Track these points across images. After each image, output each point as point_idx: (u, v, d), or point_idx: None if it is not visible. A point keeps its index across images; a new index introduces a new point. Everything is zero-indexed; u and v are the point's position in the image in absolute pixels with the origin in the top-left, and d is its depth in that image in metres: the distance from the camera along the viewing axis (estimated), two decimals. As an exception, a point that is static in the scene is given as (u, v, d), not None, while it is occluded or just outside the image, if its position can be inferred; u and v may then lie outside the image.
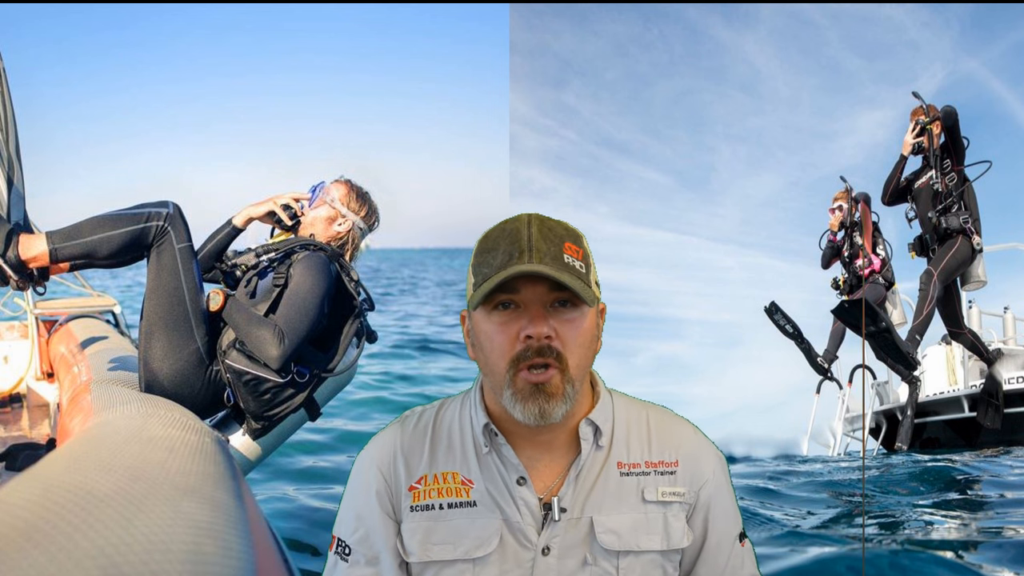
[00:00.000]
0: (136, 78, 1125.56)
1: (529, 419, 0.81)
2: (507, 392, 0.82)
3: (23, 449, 2.08)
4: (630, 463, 0.89)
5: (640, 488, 0.88)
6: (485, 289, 0.80)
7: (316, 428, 3.81)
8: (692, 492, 0.91)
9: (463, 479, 0.88)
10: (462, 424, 0.92)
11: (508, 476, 0.87)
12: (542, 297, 0.81)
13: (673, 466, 0.90)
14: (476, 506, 0.87)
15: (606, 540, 0.86)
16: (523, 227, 0.82)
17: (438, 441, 0.91)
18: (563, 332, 0.81)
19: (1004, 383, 4.92)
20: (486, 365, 0.85)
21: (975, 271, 4.51)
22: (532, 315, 0.80)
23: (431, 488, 0.88)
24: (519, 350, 0.81)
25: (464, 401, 0.94)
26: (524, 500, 0.86)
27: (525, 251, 0.80)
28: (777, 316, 5.18)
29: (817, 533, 2.59)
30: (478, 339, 0.85)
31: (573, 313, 0.82)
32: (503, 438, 0.87)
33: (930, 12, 32.19)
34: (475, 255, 0.86)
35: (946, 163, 4.36)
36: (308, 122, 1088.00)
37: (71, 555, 0.50)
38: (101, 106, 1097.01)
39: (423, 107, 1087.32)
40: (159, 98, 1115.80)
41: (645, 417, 0.94)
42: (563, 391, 0.81)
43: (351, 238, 2.02)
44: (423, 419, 0.94)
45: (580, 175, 33.75)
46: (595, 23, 41.04)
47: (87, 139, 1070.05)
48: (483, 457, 0.88)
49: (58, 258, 1.68)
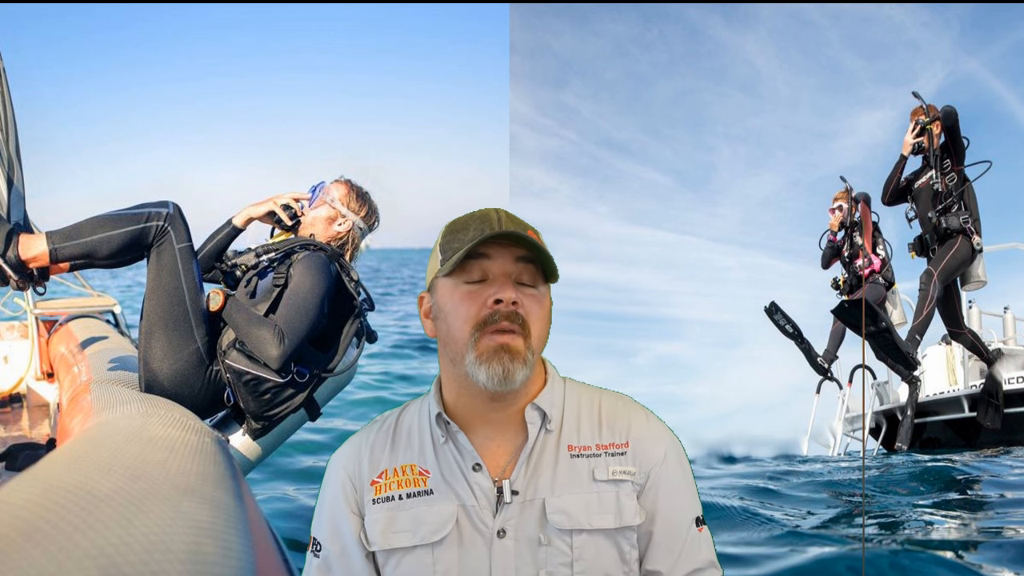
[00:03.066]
0: (136, 78, 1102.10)
1: (493, 379, 0.84)
2: (470, 356, 0.86)
3: (23, 449, 2.08)
4: (580, 446, 0.92)
5: (591, 469, 0.91)
6: (460, 256, 0.85)
7: (316, 428, 3.81)
8: (642, 472, 0.92)
9: (420, 470, 0.92)
10: (420, 419, 0.96)
11: (464, 462, 0.90)
12: (509, 268, 0.87)
13: (623, 447, 0.93)
14: (433, 494, 0.90)
15: (557, 520, 0.88)
16: (491, 212, 0.90)
17: (399, 437, 0.96)
18: (527, 304, 0.87)
19: (1004, 383, 4.92)
20: (448, 336, 0.89)
21: (975, 271, 4.51)
22: (500, 283, 0.86)
23: (391, 481, 0.92)
24: (486, 314, 0.86)
25: (424, 400, 0.98)
26: (479, 484, 0.89)
27: (495, 225, 0.87)
28: (777, 316, 5.18)
29: (817, 533, 2.59)
30: (442, 310, 0.89)
31: (536, 291, 0.89)
32: (456, 425, 0.91)
33: (930, 12, 32.15)
34: (443, 236, 0.91)
35: (946, 163, 4.36)
36: (308, 122, 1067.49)
37: (71, 555, 0.50)
38: (101, 106, 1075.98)
39: (423, 107, 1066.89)
40: (159, 98, 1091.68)
41: (598, 402, 0.97)
42: (524, 356, 0.86)
43: (351, 238, 2.02)
44: (388, 419, 0.99)
45: (580, 175, 33.73)
46: (595, 23, 40.98)
47: (87, 139, 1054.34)
48: (439, 448, 0.92)
49: (58, 258, 1.68)
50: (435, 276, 0.91)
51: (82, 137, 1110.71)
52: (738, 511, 2.86)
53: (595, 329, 15.35)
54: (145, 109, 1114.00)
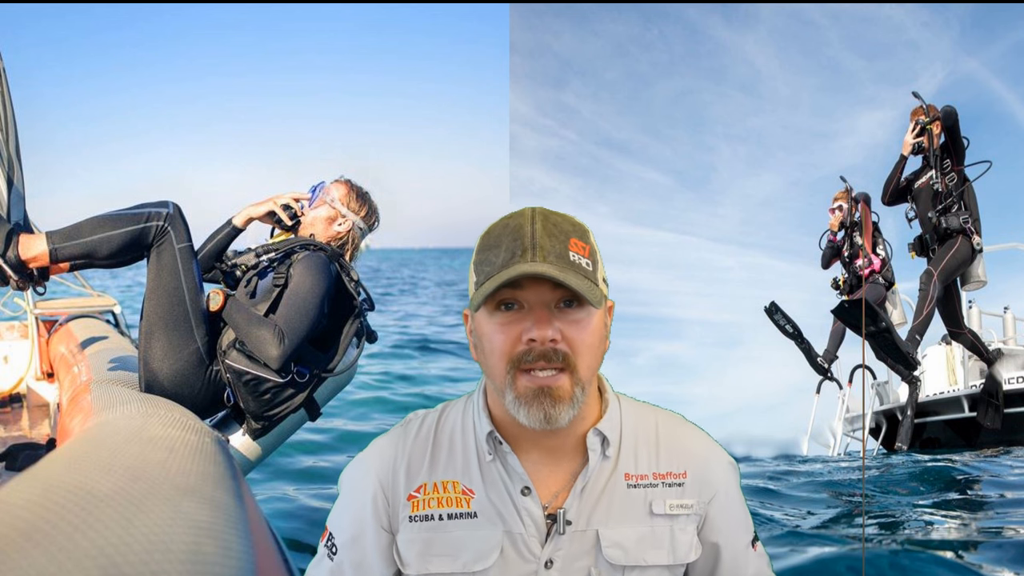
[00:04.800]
0: (136, 78, 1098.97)
1: (534, 423, 0.77)
2: (509, 395, 0.78)
3: (23, 449, 2.08)
4: (638, 475, 0.86)
5: (648, 501, 0.85)
6: (486, 290, 0.76)
7: (316, 428, 3.81)
8: (701, 504, 0.87)
9: (464, 488, 0.85)
10: (464, 430, 0.88)
11: (512, 485, 0.84)
12: (546, 297, 0.77)
13: (681, 477, 0.87)
14: (477, 517, 0.84)
15: (612, 555, 0.83)
16: (526, 223, 0.78)
17: (439, 448, 0.88)
18: (570, 334, 0.77)
19: (1004, 383, 4.92)
20: (487, 367, 0.81)
21: (975, 271, 4.51)
22: (536, 317, 0.76)
23: (430, 497, 0.85)
24: (520, 351, 0.77)
25: (467, 405, 0.91)
26: (528, 511, 0.83)
27: (528, 249, 0.76)
28: (777, 316, 5.18)
29: (817, 533, 2.59)
30: (480, 340, 0.82)
31: (580, 313, 0.78)
32: (508, 446, 0.84)
33: (930, 12, 32.23)
34: (477, 252, 0.82)
35: (946, 163, 4.36)
36: (308, 122, 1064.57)
37: (71, 555, 0.50)
38: (101, 106, 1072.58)
39: (423, 107, 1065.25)
40: (159, 98, 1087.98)
41: (654, 425, 0.90)
42: (571, 395, 0.77)
43: (351, 238, 2.02)
44: (425, 424, 0.91)
45: (580, 175, 33.79)
46: (595, 23, 41.02)
47: (87, 139, 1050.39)
48: (486, 465, 0.85)
49: (58, 258, 1.68)
50: (471, 299, 0.82)
51: (82, 137, 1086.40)
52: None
53: (595, 329, 15.33)
54: (145, 109, 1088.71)
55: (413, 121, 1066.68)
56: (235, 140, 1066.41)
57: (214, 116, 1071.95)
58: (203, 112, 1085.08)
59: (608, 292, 0.84)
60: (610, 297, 0.85)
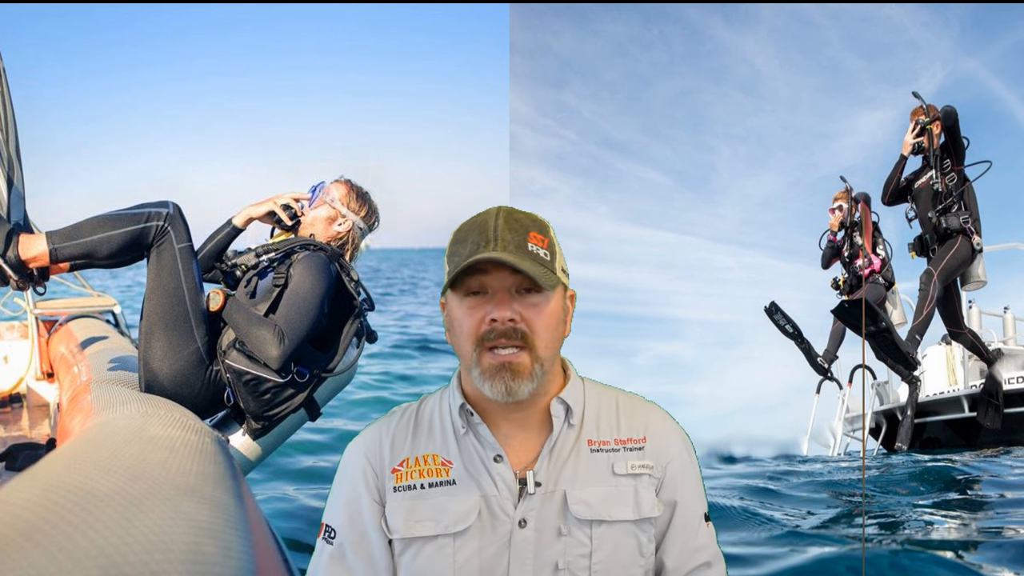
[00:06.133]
0: (136, 78, 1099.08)
1: (497, 396, 0.87)
2: (476, 371, 0.88)
3: (23, 449, 2.08)
4: (600, 440, 0.94)
5: (610, 463, 0.93)
6: (453, 275, 0.87)
7: (316, 428, 3.81)
8: (660, 467, 0.95)
9: (443, 460, 0.93)
10: (441, 411, 0.98)
11: (485, 454, 0.92)
12: (507, 282, 0.87)
13: (641, 442, 0.95)
14: (455, 484, 0.92)
15: (578, 510, 0.90)
16: (491, 219, 0.89)
17: (420, 428, 0.97)
18: (528, 316, 0.87)
19: (1004, 383, 4.92)
20: (458, 347, 0.91)
21: (975, 271, 4.51)
22: (498, 300, 0.87)
23: (413, 470, 0.93)
24: (484, 331, 0.87)
25: (444, 392, 1.00)
26: (501, 476, 0.91)
27: (491, 240, 0.87)
28: (777, 316, 5.19)
29: (817, 533, 2.59)
30: (451, 323, 0.91)
31: (538, 298, 0.88)
32: (478, 417, 0.93)
33: (930, 12, 32.21)
34: (449, 245, 0.92)
35: (946, 163, 4.36)
36: (308, 122, 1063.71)
37: (71, 555, 0.50)
38: (101, 106, 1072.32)
39: (423, 107, 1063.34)
40: (159, 98, 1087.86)
41: (615, 399, 0.99)
42: (531, 371, 0.87)
43: (351, 238, 2.02)
44: (408, 411, 1.01)
45: (580, 175, 33.78)
46: (595, 23, 41.04)
47: (87, 139, 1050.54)
48: (461, 438, 0.94)
49: (58, 258, 1.68)
50: (445, 286, 0.92)
51: (82, 137, 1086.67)
52: (738, 511, 2.87)
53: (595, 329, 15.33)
54: (145, 109, 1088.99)
55: (413, 121, 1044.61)
56: (235, 140, 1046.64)
57: (214, 116, 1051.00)
58: (203, 112, 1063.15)
59: (568, 282, 0.94)
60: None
